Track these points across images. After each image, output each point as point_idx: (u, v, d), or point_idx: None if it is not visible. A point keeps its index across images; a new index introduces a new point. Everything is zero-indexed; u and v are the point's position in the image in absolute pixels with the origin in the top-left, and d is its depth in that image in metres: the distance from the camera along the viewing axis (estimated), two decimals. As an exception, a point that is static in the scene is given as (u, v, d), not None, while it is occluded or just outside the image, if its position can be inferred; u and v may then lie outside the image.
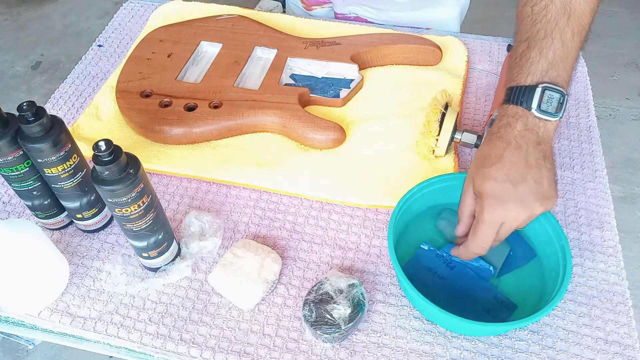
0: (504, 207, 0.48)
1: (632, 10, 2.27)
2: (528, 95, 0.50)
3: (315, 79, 0.76)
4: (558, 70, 0.50)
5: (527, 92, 0.50)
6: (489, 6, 2.21)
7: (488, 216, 0.49)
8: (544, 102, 0.49)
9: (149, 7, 0.95)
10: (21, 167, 0.54)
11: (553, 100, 0.49)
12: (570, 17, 0.51)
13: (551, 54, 0.50)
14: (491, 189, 0.49)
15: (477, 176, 0.50)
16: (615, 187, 1.64)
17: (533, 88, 0.50)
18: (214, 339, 0.54)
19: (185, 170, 0.67)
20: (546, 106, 0.49)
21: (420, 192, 0.59)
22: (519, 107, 0.50)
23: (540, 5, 0.52)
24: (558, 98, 0.49)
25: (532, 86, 0.50)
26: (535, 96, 0.49)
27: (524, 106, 0.50)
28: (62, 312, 0.56)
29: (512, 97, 0.51)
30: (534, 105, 0.49)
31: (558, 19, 0.51)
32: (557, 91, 0.49)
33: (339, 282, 0.53)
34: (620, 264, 0.59)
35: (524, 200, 0.48)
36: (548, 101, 0.49)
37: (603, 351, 0.53)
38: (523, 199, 0.48)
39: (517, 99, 0.50)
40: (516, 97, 0.50)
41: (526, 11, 0.54)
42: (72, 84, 0.81)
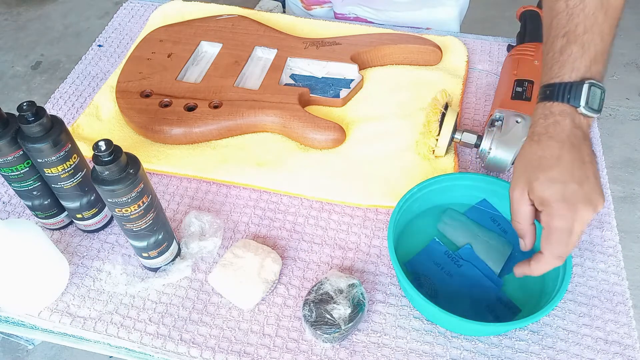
0: (574, 209, 0.46)
1: (632, 10, 2.27)
2: (575, 92, 0.48)
3: (315, 79, 0.76)
4: (599, 65, 0.49)
5: (574, 89, 0.48)
6: (489, 6, 2.21)
7: (561, 222, 0.46)
8: (590, 98, 0.48)
9: (149, 7, 0.95)
10: (21, 167, 0.54)
11: (597, 96, 0.48)
12: (607, 11, 0.50)
13: (593, 50, 0.49)
14: (559, 193, 0.46)
15: (537, 182, 0.47)
16: (615, 187, 1.64)
17: (580, 84, 0.48)
18: (214, 339, 0.54)
19: (185, 170, 0.67)
20: (592, 103, 0.48)
21: (420, 192, 0.59)
22: (565, 104, 0.48)
23: (575, 0, 0.50)
24: (600, 94, 0.48)
25: (577, 82, 0.48)
26: (583, 93, 0.47)
27: (572, 103, 0.48)
28: (62, 312, 0.56)
29: (556, 94, 0.49)
30: (582, 102, 0.47)
31: (597, 14, 0.50)
32: (599, 87, 0.48)
33: (339, 282, 0.53)
34: (620, 264, 0.59)
35: (591, 198, 0.46)
36: (593, 97, 0.48)
37: (603, 351, 0.53)
38: (590, 197, 0.46)
39: (562, 96, 0.48)
40: (562, 93, 0.48)
41: (559, 6, 0.51)
42: (72, 84, 0.81)
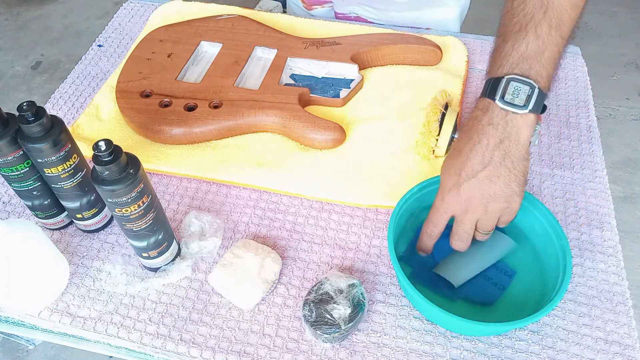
0: (451, 199, 0.51)
1: (632, 10, 2.27)
2: (493, 87, 0.50)
3: (315, 79, 0.76)
4: (530, 62, 0.49)
5: (495, 84, 0.50)
6: (489, 6, 2.20)
7: (438, 203, 0.52)
8: (509, 93, 0.48)
9: (149, 7, 0.95)
10: (21, 167, 0.54)
11: (520, 92, 0.48)
12: (547, 10, 0.50)
13: (523, 47, 0.50)
14: (444, 180, 0.52)
15: (442, 166, 0.53)
16: (615, 187, 1.64)
17: (498, 79, 0.50)
18: (214, 339, 0.54)
19: (185, 170, 0.67)
20: (511, 97, 0.48)
21: (420, 192, 0.59)
22: (486, 98, 0.50)
23: (519, 0, 0.52)
24: (527, 90, 0.48)
25: (499, 77, 0.50)
26: (500, 87, 0.49)
27: (490, 97, 0.50)
28: (62, 312, 0.56)
29: (484, 89, 0.51)
30: (498, 97, 0.49)
31: (534, 13, 0.51)
32: (525, 83, 0.48)
33: (339, 282, 0.53)
34: (620, 264, 0.59)
35: (472, 197, 0.50)
36: (514, 92, 0.48)
37: (603, 351, 0.53)
38: (470, 196, 0.50)
39: (486, 91, 0.51)
40: (487, 89, 0.51)
41: (507, 6, 0.54)
42: (72, 84, 0.81)
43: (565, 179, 0.67)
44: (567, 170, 0.68)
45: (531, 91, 0.48)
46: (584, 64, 0.83)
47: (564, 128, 0.74)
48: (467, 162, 0.50)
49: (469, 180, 0.49)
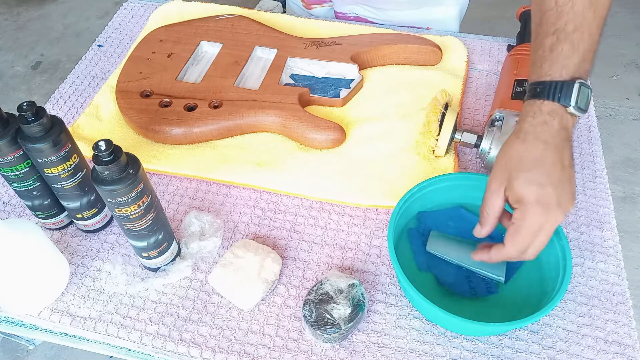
0: (547, 213, 0.47)
1: (632, 10, 2.27)
2: (566, 91, 0.48)
3: (315, 79, 0.76)
4: (586, 64, 0.49)
5: (565, 88, 0.48)
6: (489, 6, 2.21)
7: (531, 224, 0.47)
8: (581, 98, 0.48)
9: (149, 7, 0.95)
10: (21, 167, 0.54)
11: (585, 96, 0.48)
12: (596, 9, 0.50)
13: (582, 48, 0.49)
14: (536, 195, 0.47)
15: (517, 180, 0.48)
16: (615, 187, 1.64)
17: (570, 84, 0.48)
18: (214, 339, 0.54)
19: (185, 170, 0.67)
20: (581, 102, 0.48)
21: (420, 192, 0.59)
22: (555, 103, 0.48)
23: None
24: (588, 93, 0.48)
25: (568, 82, 0.48)
26: (574, 92, 0.48)
27: (562, 102, 0.48)
28: (62, 312, 0.56)
29: (547, 92, 0.49)
30: (572, 102, 0.48)
31: (585, 12, 0.49)
32: (588, 87, 0.49)
33: (339, 282, 0.53)
34: (620, 264, 0.59)
35: (562, 202, 0.47)
36: (582, 97, 0.48)
37: (603, 351, 0.53)
38: (561, 201, 0.47)
39: (553, 95, 0.48)
40: (552, 92, 0.48)
41: (549, 3, 0.51)
42: (72, 84, 0.81)
43: (565, 179, 0.67)
44: (567, 170, 0.68)
45: (590, 94, 0.49)
46: (584, 64, 0.83)
47: (564, 128, 0.74)
48: (554, 170, 0.48)
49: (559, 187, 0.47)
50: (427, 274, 0.58)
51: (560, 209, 0.47)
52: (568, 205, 0.48)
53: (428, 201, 0.61)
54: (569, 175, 0.48)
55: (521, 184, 0.48)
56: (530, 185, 0.47)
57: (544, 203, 0.47)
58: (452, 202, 0.62)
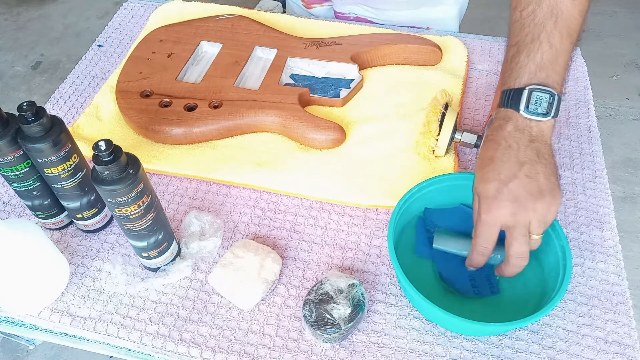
0: (498, 206, 0.49)
1: (632, 10, 2.27)
2: (517, 98, 0.51)
3: (315, 79, 0.76)
4: (547, 71, 0.51)
5: (516, 95, 0.51)
6: (489, 6, 2.21)
7: (484, 216, 0.50)
8: (532, 103, 0.50)
9: (149, 7, 0.95)
10: (21, 167, 0.54)
11: (542, 101, 0.50)
12: (557, 19, 0.52)
13: (539, 57, 0.51)
14: (484, 190, 0.50)
15: (475, 180, 0.52)
16: (615, 187, 1.64)
17: (521, 90, 0.51)
18: (214, 339, 0.54)
19: (185, 170, 0.67)
20: (535, 107, 0.50)
21: (420, 192, 0.59)
22: (509, 109, 0.51)
23: (528, 10, 0.53)
24: (547, 98, 0.50)
25: (520, 89, 0.51)
26: (523, 98, 0.50)
27: (513, 108, 0.51)
28: (62, 312, 0.56)
29: (503, 100, 0.52)
30: (522, 107, 0.50)
31: (545, 22, 0.52)
32: (546, 92, 0.50)
33: (339, 282, 0.53)
34: (620, 264, 0.59)
35: (518, 197, 0.48)
36: (537, 102, 0.50)
37: (603, 351, 0.53)
38: (516, 196, 0.48)
39: (507, 102, 0.52)
40: (507, 100, 0.52)
41: (515, 15, 0.55)
42: (72, 84, 0.81)
43: (565, 179, 0.67)
44: (567, 170, 0.68)
45: (552, 99, 0.50)
46: (584, 64, 0.83)
47: (564, 128, 0.74)
48: (504, 166, 0.49)
49: (510, 182, 0.48)
50: (427, 262, 0.59)
51: (517, 204, 0.48)
52: (528, 199, 0.48)
53: (428, 201, 0.61)
54: (528, 171, 0.48)
55: (476, 182, 0.52)
56: (481, 182, 0.50)
57: (493, 197, 0.49)
58: (452, 202, 0.62)
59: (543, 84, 0.51)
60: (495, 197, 0.49)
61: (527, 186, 0.48)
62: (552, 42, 0.52)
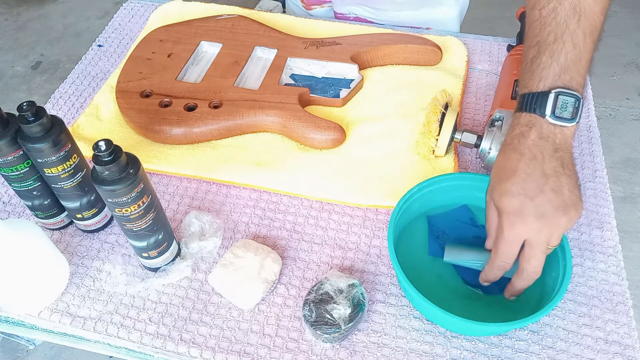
0: (523, 222, 0.46)
1: (632, 10, 2.27)
2: (541, 102, 0.48)
3: (315, 79, 0.76)
4: (571, 73, 0.48)
5: (540, 99, 0.48)
6: (489, 6, 2.21)
7: (508, 233, 0.47)
8: (559, 107, 0.47)
9: (149, 7, 0.95)
10: (21, 167, 0.54)
11: (568, 105, 0.47)
12: (580, 18, 0.49)
13: (563, 58, 0.48)
14: (508, 205, 0.47)
15: (495, 192, 0.49)
16: (615, 187, 1.64)
17: (546, 94, 0.48)
18: (214, 339, 0.54)
19: (185, 170, 0.67)
20: (561, 112, 0.47)
21: (420, 192, 0.59)
22: (532, 114, 0.48)
23: (548, 8, 0.50)
24: (573, 102, 0.47)
25: (545, 92, 0.48)
26: (549, 102, 0.47)
27: (538, 113, 0.48)
28: (62, 312, 0.56)
29: (524, 104, 0.49)
30: (548, 112, 0.47)
31: (568, 21, 0.49)
32: (571, 95, 0.47)
33: (339, 282, 0.53)
34: (620, 264, 0.59)
35: (544, 213, 0.46)
36: (563, 106, 0.47)
37: (603, 351, 0.53)
38: (543, 212, 0.46)
39: (530, 106, 0.48)
40: (529, 104, 0.49)
41: (534, 15, 0.52)
42: (72, 84, 0.81)
43: (565, 179, 0.67)
44: (567, 170, 0.68)
45: (577, 102, 0.47)
46: (584, 64, 0.83)
47: (564, 128, 0.74)
48: (528, 179, 0.46)
49: (537, 197, 0.46)
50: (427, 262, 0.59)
51: (543, 220, 0.46)
52: (555, 215, 0.46)
53: (428, 201, 0.61)
54: (554, 184, 0.46)
55: (497, 195, 0.48)
56: (504, 196, 0.47)
57: (518, 213, 0.46)
58: (452, 202, 0.62)
59: (568, 86, 0.48)
60: (519, 213, 0.46)
61: (552, 201, 0.46)
62: (575, 42, 0.49)
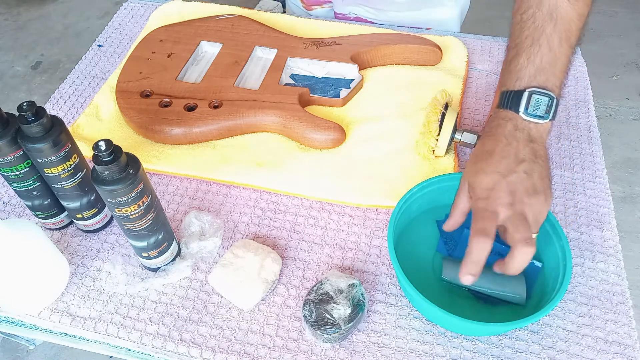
0: (496, 196, 0.49)
1: (632, 10, 2.27)
2: (516, 100, 0.52)
3: (315, 79, 0.76)
4: (546, 75, 0.52)
5: (516, 97, 0.52)
6: (489, 6, 2.21)
7: (481, 202, 0.49)
8: (532, 105, 0.51)
9: (149, 7, 0.95)
10: (21, 167, 0.54)
11: (541, 103, 0.51)
12: (556, 23, 0.53)
13: (538, 60, 0.53)
14: (482, 181, 0.50)
15: (470, 173, 0.52)
16: (615, 187, 1.64)
17: (521, 93, 0.52)
18: (214, 339, 0.54)
19: (185, 170, 0.67)
20: (534, 109, 0.51)
21: (420, 192, 0.59)
22: (508, 110, 0.52)
23: (528, 13, 0.55)
24: (547, 101, 0.51)
25: (520, 91, 0.52)
26: (523, 100, 0.52)
27: (514, 110, 0.52)
28: (62, 312, 0.56)
29: (502, 101, 0.53)
30: (522, 109, 0.51)
31: (545, 26, 0.53)
32: (545, 95, 0.51)
33: (339, 282, 0.53)
34: (620, 264, 0.59)
35: (514, 190, 0.48)
36: (536, 104, 0.51)
37: (603, 351, 0.53)
38: (513, 189, 0.48)
39: (507, 103, 0.53)
40: (506, 101, 0.53)
41: (516, 18, 0.56)
42: (72, 84, 0.81)
43: (565, 179, 0.67)
44: (567, 170, 0.68)
45: (550, 102, 0.52)
46: (583, 64, 0.83)
47: (564, 128, 0.74)
48: (503, 160, 0.50)
49: (509, 175, 0.49)
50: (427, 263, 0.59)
51: (514, 196, 0.48)
52: (524, 194, 0.48)
53: (428, 201, 0.61)
54: (526, 168, 0.49)
55: (472, 174, 0.51)
56: (478, 174, 0.51)
57: (491, 189, 0.49)
58: (452, 202, 0.62)
59: (542, 86, 0.52)
60: (492, 189, 0.49)
61: (524, 182, 0.49)
62: (551, 46, 0.53)
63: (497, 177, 0.49)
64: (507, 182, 0.49)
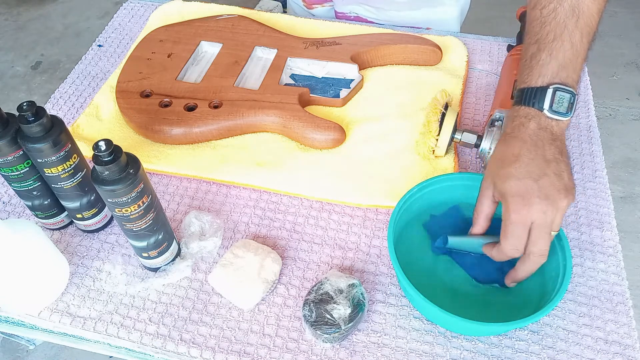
0: (529, 204, 0.48)
1: (632, 10, 2.27)
2: (540, 97, 0.51)
3: (315, 79, 0.76)
4: (568, 71, 0.51)
5: (539, 94, 0.51)
6: (489, 6, 2.21)
7: (515, 216, 0.48)
8: (556, 102, 0.50)
9: (149, 7, 0.95)
10: (21, 167, 0.54)
11: (564, 100, 0.50)
12: (579, 18, 0.52)
13: (561, 56, 0.51)
14: (514, 188, 0.49)
15: (498, 177, 0.50)
16: (615, 187, 1.64)
17: (544, 89, 0.51)
18: (214, 339, 0.54)
19: (185, 170, 0.67)
20: (557, 106, 0.50)
21: (420, 192, 0.59)
22: (531, 108, 0.51)
23: (549, 8, 0.53)
24: (569, 98, 0.50)
25: (543, 87, 0.51)
26: (547, 97, 0.50)
27: (536, 107, 0.51)
28: (62, 312, 0.56)
29: (523, 98, 0.52)
30: (546, 106, 0.50)
31: (567, 21, 0.52)
32: (567, 91, 0.50)
33: (339, 282, 0.53)
34: (620, 264, 0.59)
35: (548, 194, 0.48)
36: (559, 101, 0.50)
37: (603, 351, 0.53)
38: (547, 193, 0.48)
39: (529, 100, 0.51)
40: (528, 98, 0.51)
41: (535, 14, 0.54)
42: (72, 84, 0.81)
43: (565, 179, 0.67)
44: (567, 170, 0.68)
45: (572, 98, 0.51)
46: (584, 64, 0.83)
47: (564, 128, 0.74)
48: (532, 163, 0.49)
49: (541, 179, 0.48)
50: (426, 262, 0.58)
51: (548, 201, 0.48)
52: (558, 197, 0.48)
53: (428, 201, 0.61)
54: (555, 169, 0.49)
55: (501, 179, 0.50)
56: (508, 180, 0.49)
57: (524, 195, 0.48)
58: (452, 202, 0.62)
59: (564, 83, 0.51)
60: (525, 195, 0.48)
61: (555, 184, 0.48)
62: (573, 42, 0.52)
63: (529, 183, 0.48)
64: (539, 187, 0.48)
